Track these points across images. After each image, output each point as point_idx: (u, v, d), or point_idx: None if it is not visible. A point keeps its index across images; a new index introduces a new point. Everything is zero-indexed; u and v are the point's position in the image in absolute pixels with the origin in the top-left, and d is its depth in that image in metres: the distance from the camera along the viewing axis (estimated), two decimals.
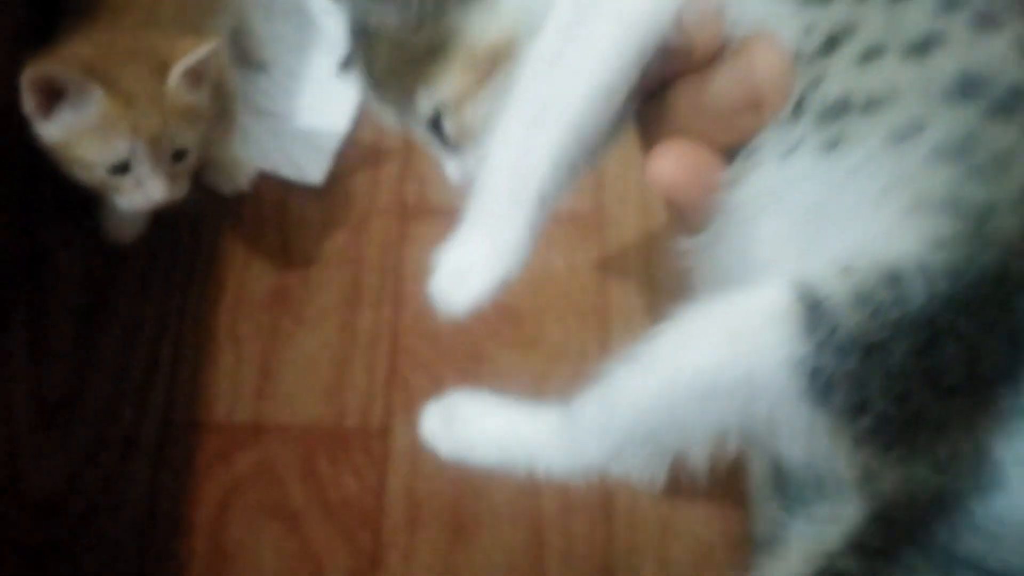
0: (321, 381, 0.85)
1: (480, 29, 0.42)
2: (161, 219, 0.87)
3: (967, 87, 0.35)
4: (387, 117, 0.47)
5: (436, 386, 0.83)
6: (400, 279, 0.88)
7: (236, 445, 0.83)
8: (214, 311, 0.87)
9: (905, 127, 0.35)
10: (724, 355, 0.37)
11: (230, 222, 0.91)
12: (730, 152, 0.39)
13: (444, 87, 0.44)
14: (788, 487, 0.50)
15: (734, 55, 0.38)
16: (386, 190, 0.92)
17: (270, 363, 0.86)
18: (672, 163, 0.39)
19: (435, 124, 0.45)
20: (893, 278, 0.35)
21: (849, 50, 0.36)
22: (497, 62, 0.42)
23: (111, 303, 0.87)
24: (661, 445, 0.40)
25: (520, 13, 0.41)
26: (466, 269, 0.40)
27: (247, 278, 0.89)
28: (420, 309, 0.42)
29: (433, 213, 0.91)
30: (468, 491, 0.80)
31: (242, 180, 0.86)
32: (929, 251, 0.35)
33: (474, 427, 0.48)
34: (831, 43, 0.36)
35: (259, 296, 0.88)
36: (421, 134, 0.46)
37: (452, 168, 0.47)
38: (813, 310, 0.35)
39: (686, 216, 0.40)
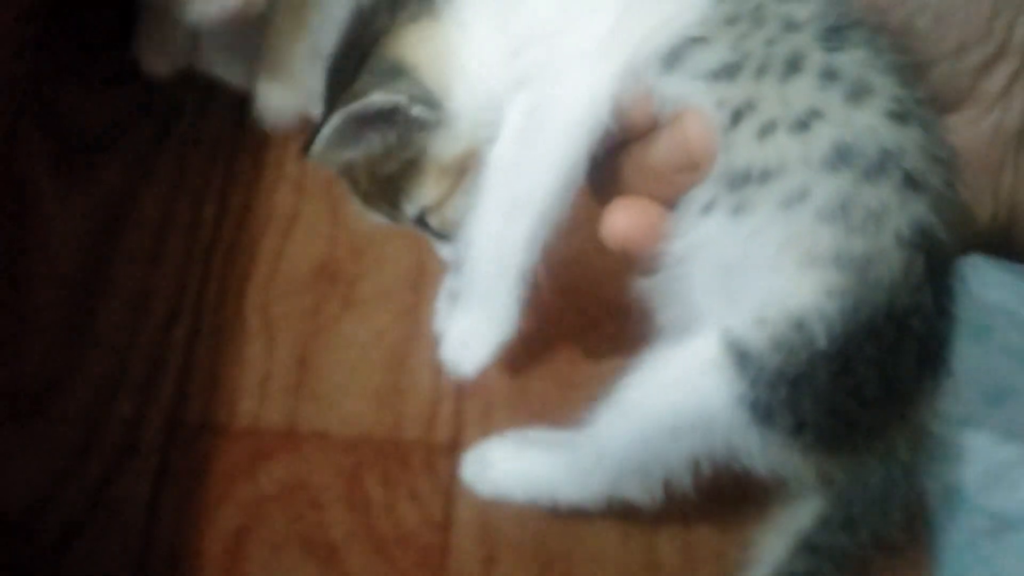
0: (374, 380, 0.67)
1: (443, 147, 0.49)
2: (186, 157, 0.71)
3: (842, 155, 0.41)
4: (378, 217, 0.54)
5: (519, 391, 0.67)
6: None
7: (262, 456, 0.65)
8: (242, 287, 0.70)
9: (793, 194, 0.42)
10: (677, 400, 0.45)
11: (270, 176, 0.74)
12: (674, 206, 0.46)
13: (422, 196, 0.51)
14: None
15: (668, 125, 0.45)
16: None
17: (310, 354, 0.68)
18: (623, 217, 0.46)
19: (421, 222, 0.52)
20: (798, 325, 0.42)
21: (749, 125, 0.43)
22: (465, 168, 0.49)
23: (111, 271, 0.70)
24: (649, 472, 0.50)
25: (475, 128, 0.48)
26: (468, 340, 0.51)
27: (286, 248, 0.71)
28: None
29: None
30: (556, 525, 0.63)
31: (291, 108, 0.70)
32: (824, 300, 0.42)
33: (502, 469, 0.60)
34: (736, 117, 0.43)
35: (300, 272, 0.71)
36: (411, 227, 0.53)
37: (444, 250, 0.55)
38: (741, 357, 0.43)
39: (639, 262, 0.47)
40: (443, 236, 0.53)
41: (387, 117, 0.47)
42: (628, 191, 0.47)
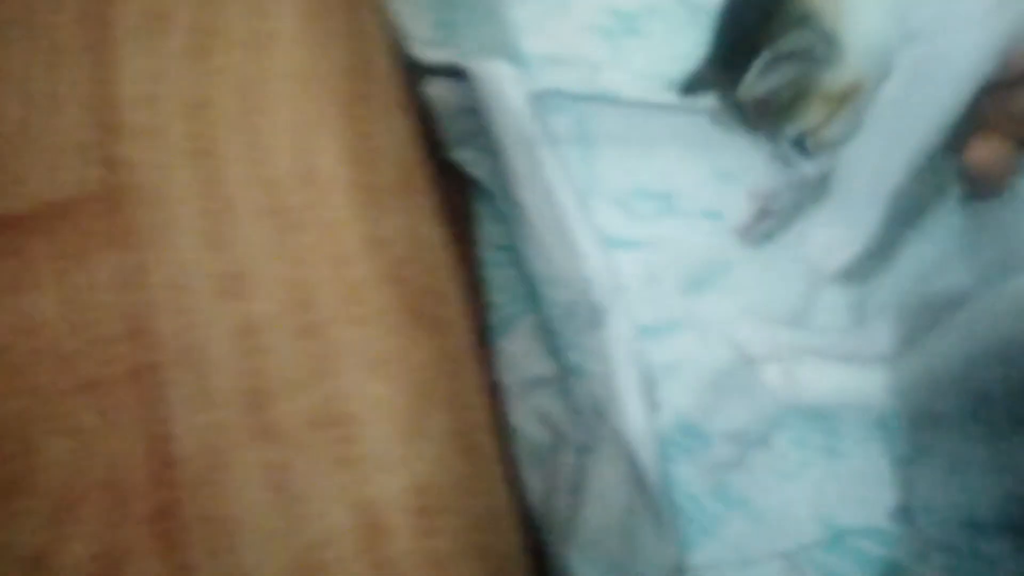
0: None
1: (832, 79, 0.56)
2: None
3: None
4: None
5: None
6: None
7: None
8: None
9: None
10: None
11: None
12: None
13: (806, 120, 0.58)
14: None
15: None
16: None
17: None
18: (985, 150, 0.55)
19: (799, 144, 0.60)
20: None
21: None
22: (847, 98, 0.57)
23: None
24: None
25: (863, 63, 0.56)
26: (835, 244, 0.58)
27: None
28: None
29: None
30: None
31: None
32: None
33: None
34: None
35: None
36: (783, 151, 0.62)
37: (808, 168, 0.62)
38: None
39: (990, 187, 0.56)
40: (811, 156, 0.61)
41: (796, 56, 0.57)
42: (988, 127, 0.55)
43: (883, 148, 0.56)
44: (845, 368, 0.74)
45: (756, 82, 0.57)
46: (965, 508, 0.72)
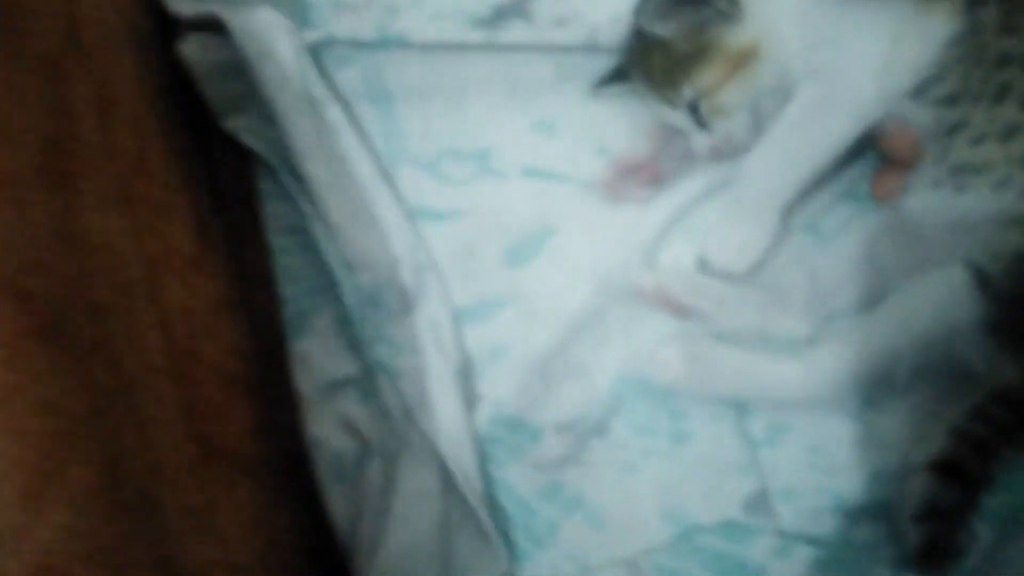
0: None
1: (733, 38, 0.62)
2: None
3: None
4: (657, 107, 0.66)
5: None
6: None
7: None
8: None
9: (999, 181, 0.59)
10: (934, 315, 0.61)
11: None
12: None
13: (703, 80, 0.63)
14: None
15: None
16: None
17: None
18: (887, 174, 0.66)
19: (693, 108, 0.64)
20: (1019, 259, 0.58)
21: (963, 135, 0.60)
22: (744, 61, 0.62)
23: None
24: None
25: (764, 26, 0.62)
26: (741, 243, 0.65)
27: None
28: None
29: None
30: None
31: None
32: None
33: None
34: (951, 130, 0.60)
35: None
36: (678, 118, 0.65)
37: (700, 141, 0.65)
38: (982, 281, 0.59)
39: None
40: (705, 125, 0.64)
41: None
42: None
43: (780, 163, 0.63)
44: (759, 355, 0.64)
45: (658, 14, 0.62)
46: (831, 492, 0.63)
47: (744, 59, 0.63)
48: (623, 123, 0.71)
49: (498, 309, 0.69)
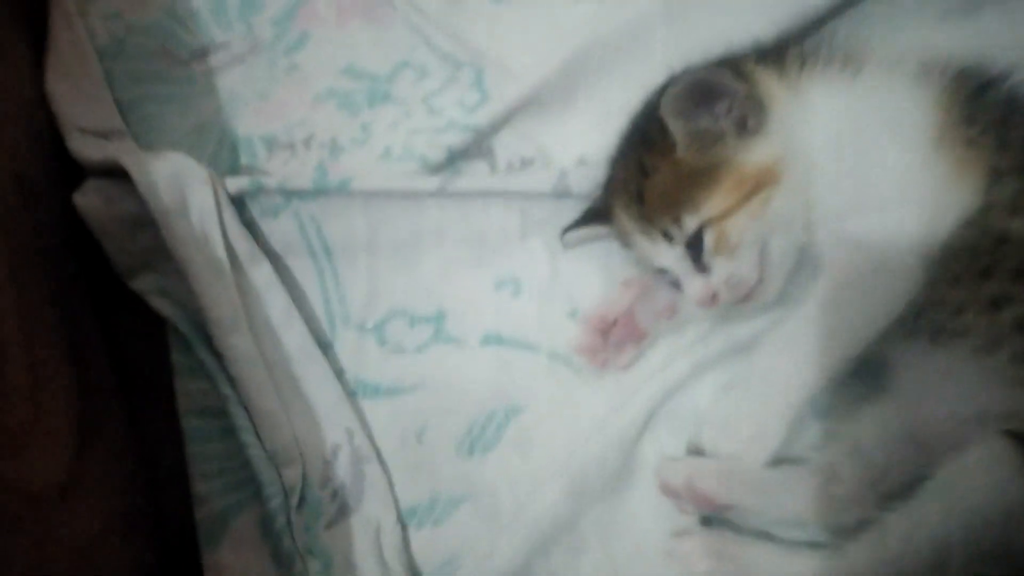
0: None
1: (751, 155, 0.54)
2: None
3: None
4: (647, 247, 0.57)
5: None
6: None
7: None
8: None
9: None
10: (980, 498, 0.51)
11: None
12: None
13: (710, 206, 0.54)
14: None
15: None
16: None
17: None
18: None
19: (694, 242, 0.55)
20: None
21: None
22: (760, 184, 0.54)
23: None
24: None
25: (789, 144, 0.54)
26: (752, 435, 0.54)
27: None
28: None
29: None
30: None
31: None
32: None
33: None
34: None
35: None
36: (672, 258, 0.56)
37: (696, 286, 0.55)
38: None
39: None
40: (705, 267, 0.55)
41: (720, 97, 0.54)
42: None
43: (807, 355, 0.53)
44: (779, 550, 0.56)
45: (680, 107, 0.54)
46: None
47: (761, 182, 0.54)
48: (596, 278, 0.62)
49: (452, 509, 0.59)
